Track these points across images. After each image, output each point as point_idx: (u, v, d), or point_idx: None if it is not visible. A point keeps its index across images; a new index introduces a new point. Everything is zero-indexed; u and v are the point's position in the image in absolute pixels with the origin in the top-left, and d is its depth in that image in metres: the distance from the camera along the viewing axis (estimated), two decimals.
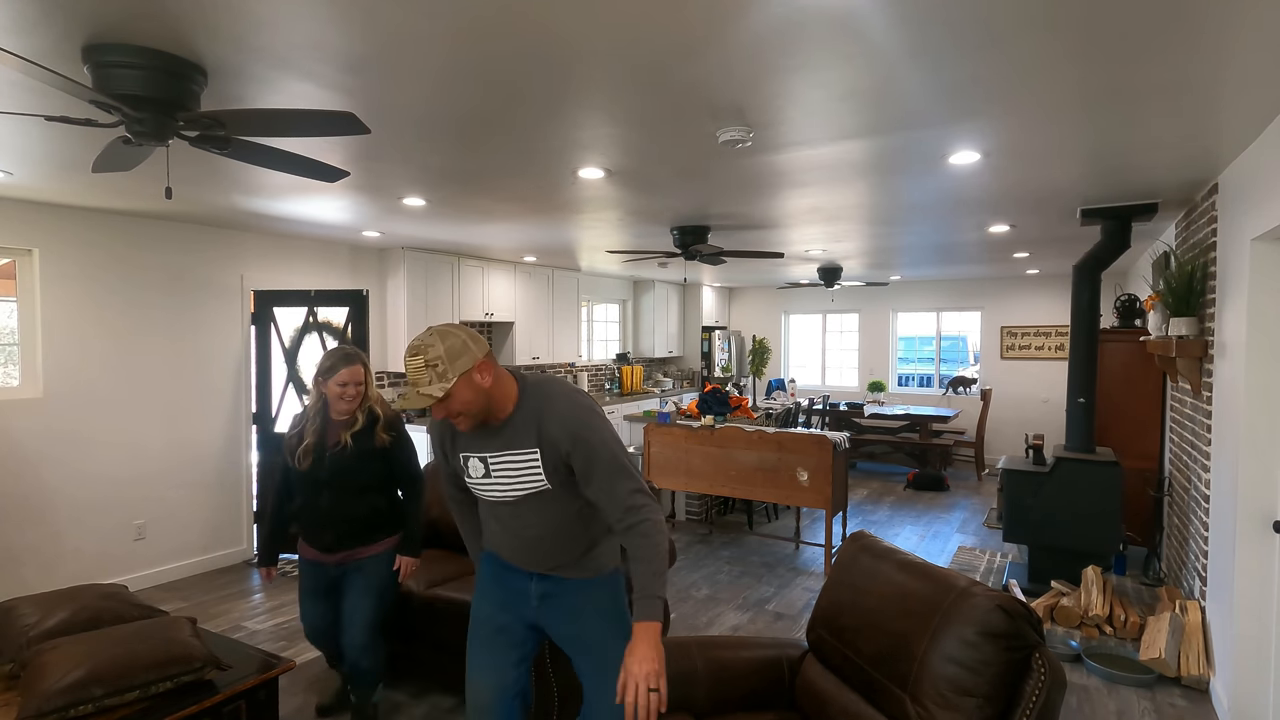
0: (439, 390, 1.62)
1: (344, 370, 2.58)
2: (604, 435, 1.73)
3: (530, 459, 1.75)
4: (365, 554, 2.69)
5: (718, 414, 5.89)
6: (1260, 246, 2.71)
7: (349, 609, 2.66)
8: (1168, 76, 2.05)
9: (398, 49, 1.87)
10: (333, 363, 2.59)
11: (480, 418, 1.72)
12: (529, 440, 1.74)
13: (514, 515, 1.83)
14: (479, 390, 1.67)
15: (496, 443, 1.77)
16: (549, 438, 1.72)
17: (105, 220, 4.26)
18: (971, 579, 1.88)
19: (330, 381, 2.58)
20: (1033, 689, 1.66)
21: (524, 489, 1.78)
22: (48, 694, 2.03)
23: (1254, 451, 2.75)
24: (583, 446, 1.70)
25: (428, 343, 1.65)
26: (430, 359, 1.63)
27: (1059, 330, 8.19)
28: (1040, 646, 1.72)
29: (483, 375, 1.67)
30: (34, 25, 1.71)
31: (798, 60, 1.92)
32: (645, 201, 3.88)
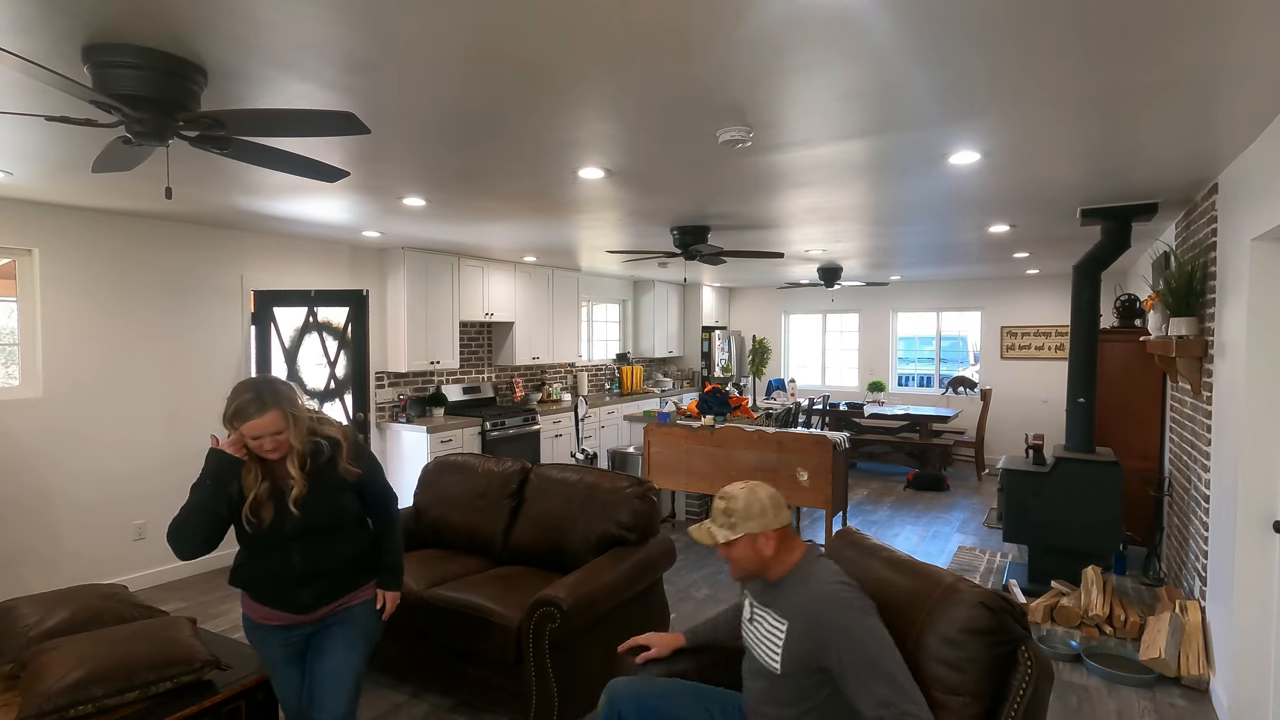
0: (723, 537, 1.86)
1: (253, 421, 1.92)
2: (863, 631, 1.69)
3: (778, 630, 1.82)
4: (354, 601, 2.17)
5: (718, 414, 5.89)
6: (1260, 246, 2.71)
7: (333, 670, 2.09)
8: (1168, 76, 2.05)
9: (398, 50, 1.87)
10: (238, 405, 1.94)
11: (752, 574, 1.90)
12: (784, 611, 1.83)
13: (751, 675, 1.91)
14: (758, 553, 1.86)
15: (765, 596, 1.91)
16: (801, 616, 1.78)
17: (105, 220, 4.26)
18: (958, 575, 1.87)
19: (241, 430, 1.95)
20: (1019, 683, 1.66)
21: (764, 659, 1.84)
22: (48, 694, 2.03)
23: (1254, 451, 2.75)
24: (835, 636, 1.70)
25: (734, 494, 1.89)
26: (729, 508, 1.87)
27: (1059, 330, 8.19)
28: (1026, 639, 1.71)
29: (766, 542, 1.85)
30: (34, 25, 1.71)
31: (798, 60, 1.92)
32: (645, 201, 3.88)
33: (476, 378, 6.90)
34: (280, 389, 2.02)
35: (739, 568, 1.89)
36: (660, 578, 3.30)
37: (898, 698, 1.58)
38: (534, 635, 2.63)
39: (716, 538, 1.86)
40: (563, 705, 2.67)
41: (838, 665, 1.68)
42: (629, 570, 3.00)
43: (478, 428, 6.06)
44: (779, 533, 1.87)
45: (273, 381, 2.03)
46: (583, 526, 3.22)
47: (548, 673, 2.65)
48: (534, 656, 2.64)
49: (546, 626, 2.62)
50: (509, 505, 3.50)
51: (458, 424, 5.91)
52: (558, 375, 7.95)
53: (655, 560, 3.18)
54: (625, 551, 3.11)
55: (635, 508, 3.19)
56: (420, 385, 6.29)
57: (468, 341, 6.79)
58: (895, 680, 1.61)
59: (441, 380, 6.49)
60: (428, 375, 6.35)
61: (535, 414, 6.70)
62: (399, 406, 5.92)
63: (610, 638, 2.93)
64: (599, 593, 2.79)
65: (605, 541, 3.16)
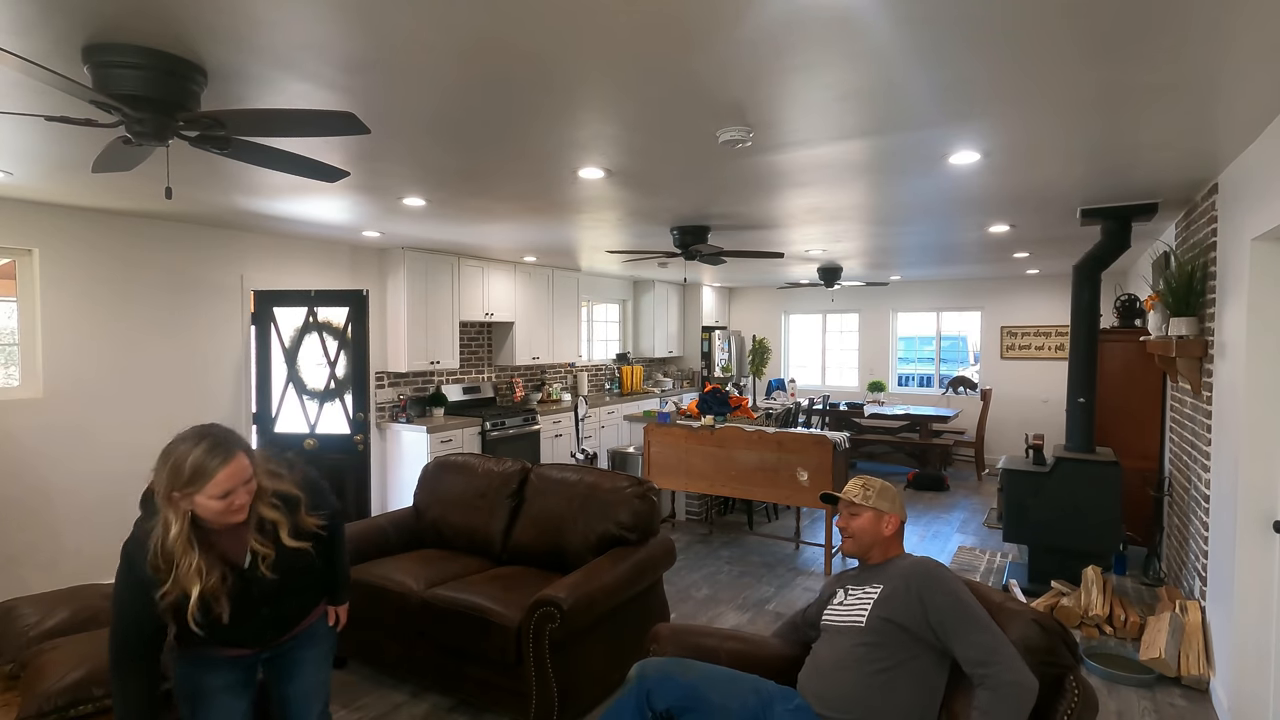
0: (860, 498, 2.07)
1: (221, 472, 1.62)
2: (959, 586, 1.85)
3: (870, 595, 1.96)
4: (314, 619, 2.03)
5: (718, 414, 5.89)
6: (1260, 246, 2.71)
7: (308, 689, 1.98)
8: (1168, 76, 2.05)
9: (398, 50, 1.87)
10: (194, 463, 1.60)
11: (863, 550, 2.07)
12: (880, 580, 1.98)
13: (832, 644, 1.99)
14: (878, 530, 2.05)
15: (863, 577, 2.06)
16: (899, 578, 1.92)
17: (105, 220, 4.26)
18: (1005, 594, 1.90)
19: (201, 495, 1.61)
20: (1064, 711, 1.63)
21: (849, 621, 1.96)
22: (48, 694, 2.03)
23: (1254, 451, 2.75)
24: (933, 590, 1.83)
25: (871, 478, 2.13)
26: (867, 484, 2.10)
27: (1059, 330, 8.19)
28: (1075, 669, 1.70)
29: (889, 523, 2.06)
30: (34, 25, 1.71)
31: (798, 60, 1.92)
32: (645, 201, 3.88)
33: (476, 378, 6.90)
34: (229, 431, 1.71)
35: (855, 541, 2.06)
36: (660, 578, 3.30)
37: (998, 644, 1.70)
38: (534, 635, 2.63)
39: (852, 496, 2.07)
40: (563, 705, 2.67)
41: (935, 614, 1.79)
42: (629, 570, 3.00)
43: (478, 428, 6.06)
44: (900, 522, 2.08)
45: (215, 426, 1.72)
46: (583, 526, 3.22)
47: (548, 673, 2.65)
48: (534, 656, 2.64)
49: (546, 626, 2.62)
50: (509, 505, 3.51)
51: (458, 424, 5.91)
52: (558, 375, 7.95)
53: (655, 560, 3.18)
54: (625, 551, 3.11)
55: (635, 508, 3.19)
56: (420, 385, 6.29)
57: (468, 341, 6.79)
58: (993, 629, 1.73)
59: (441, 380, 6.49)
60: (428, 375, 6.35)
61: (535, 414, 6.70)
62: (399, 406, 5.92)
63: (610, 638, 2.93)
64: (599, 593, 2.79)
65: (605, 541, 3.16)
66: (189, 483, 1.60)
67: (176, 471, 1.60)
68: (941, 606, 1.78)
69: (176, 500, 1.62)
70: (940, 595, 1.80)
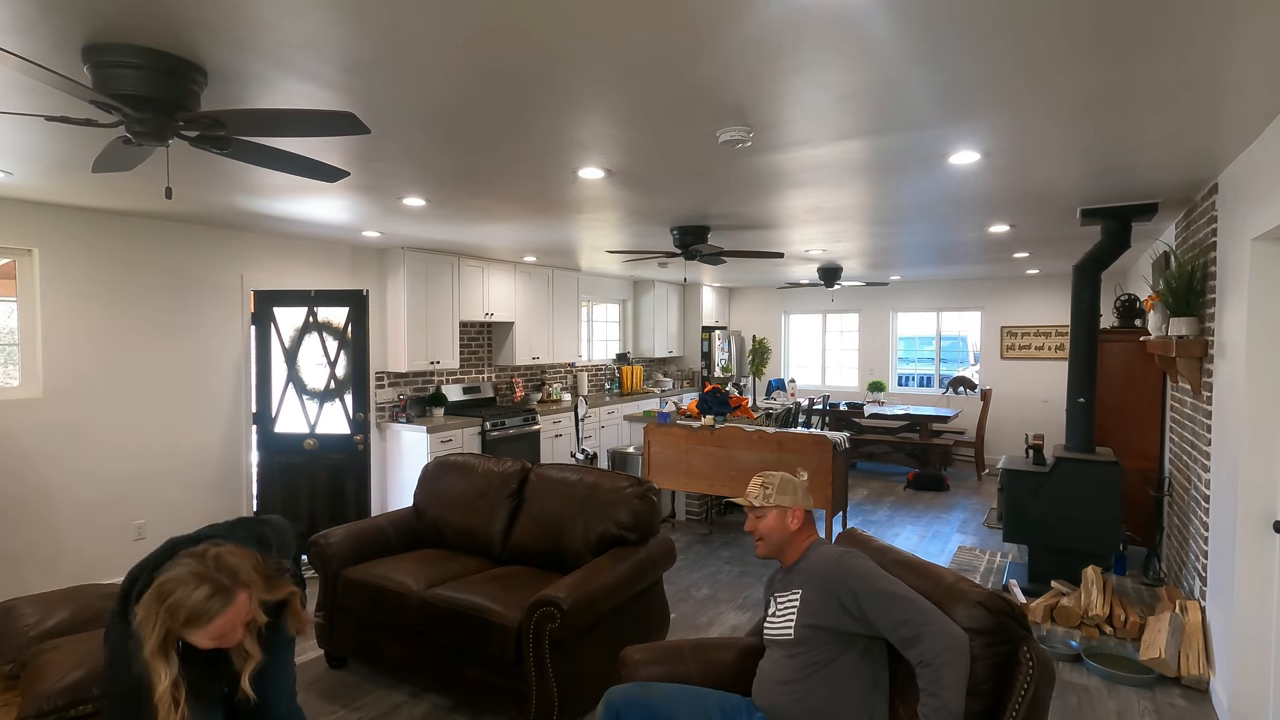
0: (759, 500, 2.06)
1: (220, 618, 1.55)
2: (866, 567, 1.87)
3: (793, 602, 1.96)
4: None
5: (718, 414, 5.89)
6: (1260, 246, 2.71)
7: (275, 683, 1.92)
8: (1168, 76, 2.05)
9: (398, 50, 1.87)
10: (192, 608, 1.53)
11: (775, 550, 2.06)
12: (798, 584, 1.98)
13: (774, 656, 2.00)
14: (784, 527, 2.04)
15: (783, 583, 2.06)
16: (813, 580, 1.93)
17: (105, 220, 4.27)
18: (959, 575, 1.90)
19: (195, 635, 1.55)
20: (1021, 683, 1.67)
21: (780, 634, 1.98)
22: (48, 694, 2.03)
23: (1254, 451, 2.75)
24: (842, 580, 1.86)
25: (772, 474, 2.10)
26: (766, 482, 2.08)
27: (1059, 330, 8.19)
28: (1027, 639, 1.73)
29: (793, 518, 2.05)
30: (34, 25, 1.71)
31: (798, 60, 1.92)
32: (645, 201, 3.89)
33: (476, 378, 6.90)
34: (232, 563, 1.60)
35: (766, 543, 2.05)
36: (660, 578, 3.30)
37: (916, 610, 1.73)
38: (534, 635, 2.63)
39: (752, 499, 2.06)
40: (563, 705, 2.67)
41: (853, 603, 1.80)
42: (629, 570, 3.00)
43: (478, 428, 6.06)
44: (805, 514, 2.07)
45: (220, 556, 1.60)
46: (583, 526, 3.22)
47: (547, 673, 2.65)
48: (534, 656, 2.64)
49: (546, 626, 2.61)
50: (509, 505, 3.51)
51: (458, 424, 5.91)
52: (558, 375, 7.95)
53: (655, 560, 3.18)
54: (625, 551, 3.11)
55: (635, 508, 3.19)
56: (420, 385, 6.29)
57: (468, 341, 6.79)
58: (907, 597, 1.76)
59: (441, 380, 6.49)
60: (428, 375, 6.35)
61: (535, 414, 6.70)
62: (399, 406, 5.92)
63: (610, 638, 2.93)
64: (599, 593, 2.79)
65: (605, 541, 3.16)
66: (185, 624, 1.53)
67: (173, 614, 1.52)
68: (858, 594, 1.80)
69: (169, 645, 1.53)
70: (852, 584, 1.82)
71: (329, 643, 3.29)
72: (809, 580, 1.94)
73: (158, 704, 1.52)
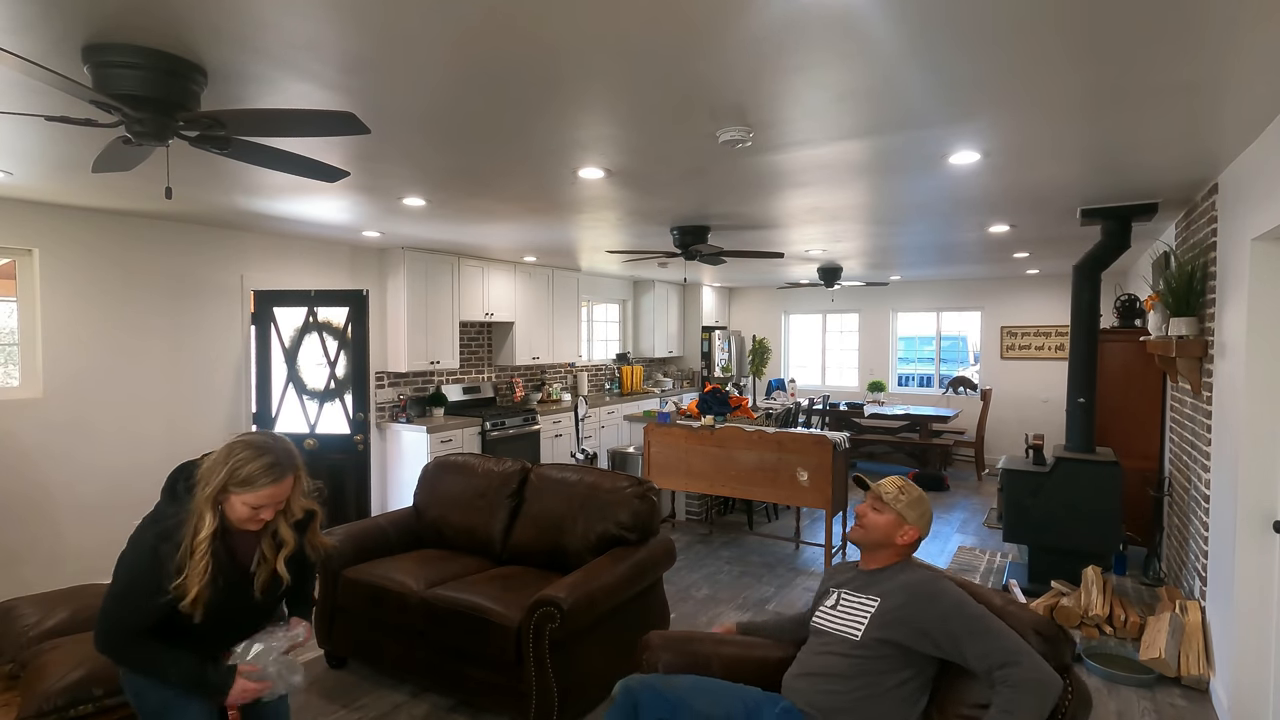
0: (889, 498, 2.01)
1: (266, 489, 1.74)
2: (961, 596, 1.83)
3: (867, 606, 1.94)
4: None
5: (718, 414, 5.89)
6: (1260, 246, 2.71)
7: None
8: (1168, 77, 2.05)
9: (398, 50, 1.87)
10: (250, 470, 1.72)
11: (870, 546, 2.02)
12: (878, 592, 1.95)
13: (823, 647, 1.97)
14: (891, 534, 1.99)
15: (859, 583, 2.02)
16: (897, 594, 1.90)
17: (105, 220, 4.27)
18: (1008, 597, 1.91)
19: (239, 498, 1.73)
20: (1060, 708, 1.67)
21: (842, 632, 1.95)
22: (48, 694, 2.03)
23: (1254, 451, 2.75)
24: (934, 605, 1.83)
25: (912, 485, 2.06)
26: (905, 487, 2.04)
27: (1059, 330, 8.19)
28: (1070, 669, 1.74)
29: (906, 532, 2.00)
30: (34, 25, 1.71)
31: (798, 60, 1.92)
32: (645, 201, 3.89)
33: (476, 378, 6.90)
34: (294, 449, 1.84)
35: (866, 534, 2.02)
36: (660, 578, 3.30)
37: (1018, 646, 1.69)
38: (534, 635, 2.63)
39: (883, 492, 2.02)
40: (563, 705, 2.67)
41: (940, 628, 1.78)
42: (629, 570, 3.00)
43: (478, 428, 6.06)
44: (918, 537, 2.02)
45: (283, 441, 1.83)
46: (583, 526, 3.22)
47: (548, 673, 2.65)
48: (534, 656, 2.64)
49: (546, 626, 2.62)
50: (509, 505, 3.51)
51: (458, 424, 5.91)
52: (558, 375, 7.95)
53: (655, 560, 3.18)
54: (625, 551, 3.11)
55: (635, 508, 3.19)
56: (420, 385, 6.29)
57: (468, 341, 6.79)
58: (1009, 634, 1.72)
59: (441, 380, 6.49)
60: (428, 375, 6.35)
61: (535, 414, 6.70)
62: (399, 406, 5.92)
63: (610, 638, 2.93)
64: (599, 593, 2.79)
65: (605, 541, 3.16)
66: (239, 484, 1.72)
67: (233, 473, 1.72)
68: (948, 618, 1.77)
69: (219, 498, 1.73)
70: (945, 609, 1.79)
71: (329, 643, 3.29)
72: (892, 592, 1.90)
73: (196, 546, 1.69)
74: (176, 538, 1.70)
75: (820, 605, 2.08)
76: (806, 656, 2.01)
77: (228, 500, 1.74)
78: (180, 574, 1.68)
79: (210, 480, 1.71)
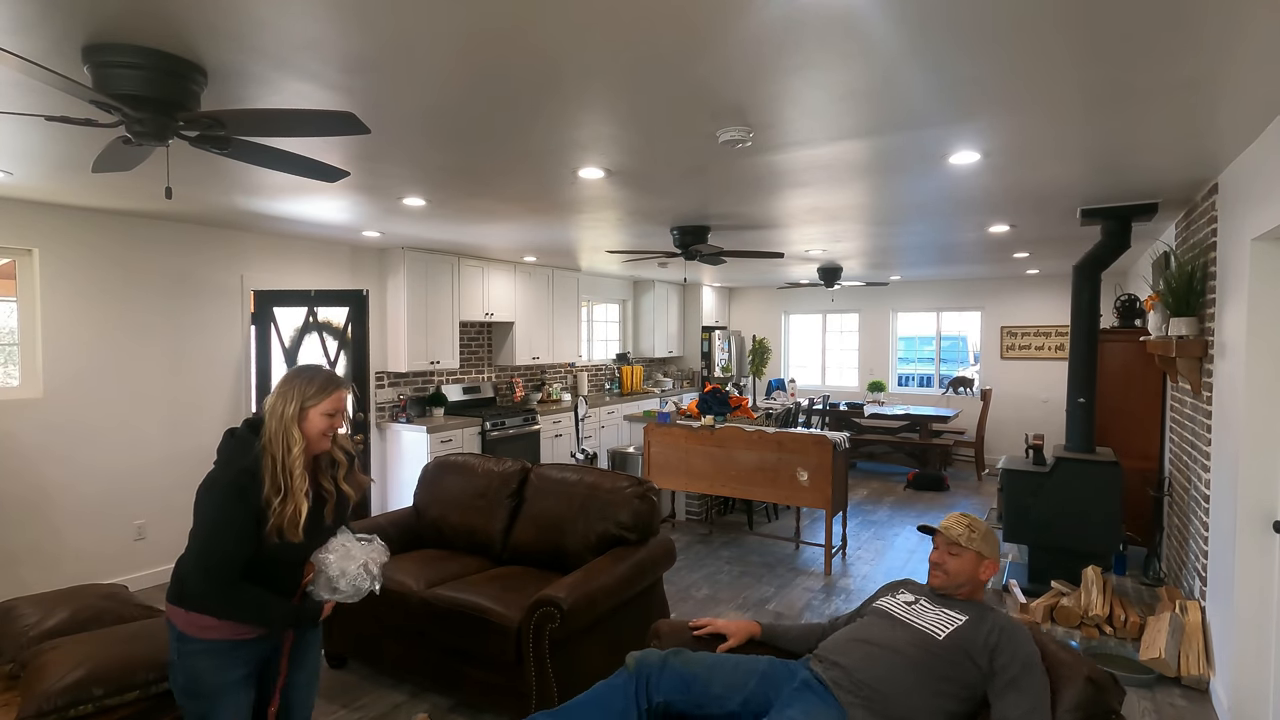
0: (964, 540, 2.03)
1: (339, 391, 1.92)
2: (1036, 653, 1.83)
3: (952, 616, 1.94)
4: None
5: (718, 414, 5.89)
6: (1260, 246, 2.71)
7: (310, 675, 2.07)
8: (1168, 77, 2.05)
9: (398, 50, 1.87)
10: (326, 376, 1.91)
11: (954, 588, 2.03)
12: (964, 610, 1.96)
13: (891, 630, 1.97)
14: (973, 573, 2.02)
15: (939, 598, 2.04)
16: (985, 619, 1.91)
17: (105, 220, 4.27)
18: (1060, 645, 1.91)
19: (318, 409, 1.87)
20: None
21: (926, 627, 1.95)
22: (48, 694, 2.03)
23: (1254, 451, 2.75)
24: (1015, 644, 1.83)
25: (975, 519, 2.08)
26: (973, 525, 2.06)
27: (1059, 330, 8.19)
28: (1117, 713, 1.74)
29: (986, 568, 2.03)
30: (34, 25, 1.71)
31: (797, 60, 1.92)
32: (645, 201, 3.88)
33: (476, 378, 6.90)
34: (335, 372, 2.02)
35: (949, 578, 2.03)
36: (660, 578, 3.30)
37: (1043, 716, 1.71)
38: (534, 635, 2.63)
39: (955, 535, 2.03)
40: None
41: (1002, 663, 1.78)
42: (629, 570, 3.00)
43: (478, 428, 6.06)
44: (995, 570, 2.06)
45: (325, 367, 2.04)
46: (583, 526, 3.22)
47: (548, 673, 2.65)
48: (534, 656, 2.64)
49: (546, 626, 2.62)
50: (509, 505, 3.50)
51: (458, 424, 5.91)
52: (558, 375, 7.95)
53: (655, 560, 3.18)
54: (625, 551, 3.11)
55: (635, 508, 3.19)
56: (420, 385, 6.29)
57: (468, 341, 6.79)
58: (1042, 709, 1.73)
59: (441, 380, 6.49)
60: (428, 375, 6.35)
61: (535, 414, 6.70)
62: (399, 406, 5.92)
63: (610, 638, 2.93)
64: (599, 593, 2.79)
65: (605, 541, 3.16)
66: (318, 392, 1.86)
67: (310, 382, 1.87)
68: (1014, 658, 1.78)
69: (300, 414, 1.84)
70: (1018, 650, 1.80)
71: (329, 643, 3.29)
72: (980, 617, 1.91)
73: (293, 464, 1.81)
74: (258, 472, 1.79)
75: (891, 596, 2.08)
76: (864, 630, 1.99)
77: (306, 417, 1.85)
78: (270, 505, 1.78)
79: (285, 407, 1.83)
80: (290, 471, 1.81)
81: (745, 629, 2.23)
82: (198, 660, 1.84)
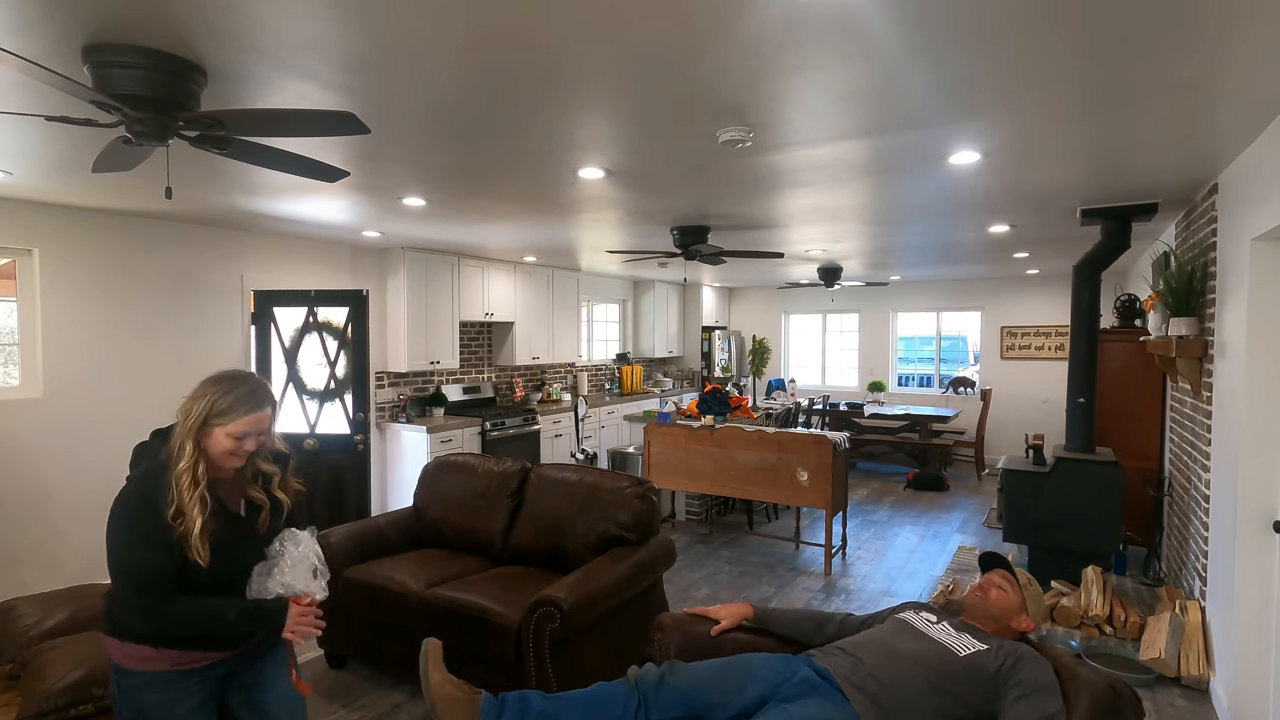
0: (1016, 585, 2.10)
1: (251, 415, 1.68)
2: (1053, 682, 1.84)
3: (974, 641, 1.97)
4: None
5: (718, 414, 5.89)
6: (1260, 246, 2.71)
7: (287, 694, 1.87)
8: (1168, 77, 2.05)
9: (398, 50, 1.87)
10: (241, 392, 1.68)
11: (985, 622, 2.05)
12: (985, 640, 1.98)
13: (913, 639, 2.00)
14: (1009, 620, 2.05)
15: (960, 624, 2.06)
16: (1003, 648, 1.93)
17: (105, 220, 4.26)
18: (1078, 659, 1.95)
19: (222, 430, 1.65)
20: None
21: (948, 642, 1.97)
22: (48, 694, 2.03)
23: (1254, 451, 2.75)
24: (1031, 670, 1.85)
25: (1036, 586, 2.16)
26: (1031, 581, 2.14)
27: (1059, 330, 8.19)
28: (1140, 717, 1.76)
29: (1022, 621, 2.06)
30: (34, 25, 1.71)
31: (797, 60, 1.92)
32: (645, 201, 3.88)
33: (476, 378, 6.90)
34: (265, 383, 1.80)
35: (987, 603, 2.06)
36: (660, 578, 3.30)
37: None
38: (534, 635, 2.63)
39: (1017, 578, 2.11)
40: None
41: (1024, 678, 1.81)
42: (629, 570, 3.00)
43: (478, 428, 6.06)
44: (1028, 631, 2.07)
45: (254, 375, 1.80)
46: (583, 526, 3.22)
47: (548, 673, 2.65)
48: (534, 656, 2.64)
49: (546, 626, 2.62)
50: (509, 505, 3.50)
51: (458, 424, 5.91)
52: (558, 375, 7.95)
53: (655, 560, 3.18)
54: (625, 551, 3.11)
55: (635, 508, 3.19)
56: (420, 385, 6.29)
57: (468, 341, 6.79)
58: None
59: (441, 380, 6.49)
60: (428, 375, 6.35)
61: (535, 414, 6.70)
62: (399, 406, 5.92)
63: (610, 638, 2.93)
64: (599, 593, 2.79)
65: (605, 541, 3.16)
66: (229, 410, 1.66)
67: (225, 394, 1.67)
68: (1030, 677, 1.80)
69: (200, 433, 1.65)
70: (1036, 674, 1.82)
71: (329, 643, 3.29)
72: (999, 646, 1.93)
73: (178, 476, 1.61)
74: (162, 480, 1.62)
75: (914, 613, 2.11)
76: (888, 635, 2.01)
77: (209, 435, 1.65)
78: (179, 516, 1.60)
79: (190, 414, 1.64)
80: (179, 484, 1.61)
81: (738, 612, 2.25)
82: (141, 695, 1.67)
